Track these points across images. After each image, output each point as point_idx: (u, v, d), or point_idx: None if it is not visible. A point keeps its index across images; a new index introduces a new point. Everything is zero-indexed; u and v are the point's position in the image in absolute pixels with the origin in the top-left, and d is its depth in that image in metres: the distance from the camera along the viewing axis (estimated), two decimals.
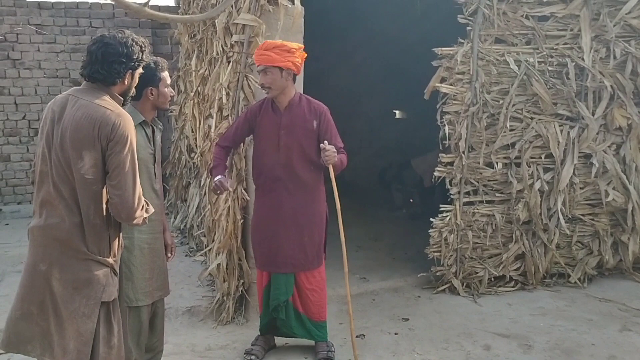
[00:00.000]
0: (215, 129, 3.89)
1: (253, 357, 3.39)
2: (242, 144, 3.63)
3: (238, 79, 3.75)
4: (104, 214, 2.23)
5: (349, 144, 3.30)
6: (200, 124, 4.55)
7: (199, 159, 4.46)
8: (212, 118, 3.97)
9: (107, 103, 2.21)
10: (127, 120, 2.19)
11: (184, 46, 5.87)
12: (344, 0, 6.36)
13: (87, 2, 7.04)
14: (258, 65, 3.17)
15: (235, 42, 3.75)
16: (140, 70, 2.35)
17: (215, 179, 3.22)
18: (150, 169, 2.72)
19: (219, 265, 3.90)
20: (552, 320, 4.02)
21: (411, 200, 7.26)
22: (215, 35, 4.07)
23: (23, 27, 6.73)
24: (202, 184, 4.40)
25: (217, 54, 4.05)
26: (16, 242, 5.82)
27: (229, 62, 3.83)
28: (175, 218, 6.07)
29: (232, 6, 3.73)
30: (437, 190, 5.91)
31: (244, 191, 3.79)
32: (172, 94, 2.80)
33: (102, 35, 2.28)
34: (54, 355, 2.21)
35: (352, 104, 8.15)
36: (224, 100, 3.79)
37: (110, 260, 2.29)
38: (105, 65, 2.20)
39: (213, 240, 4.17)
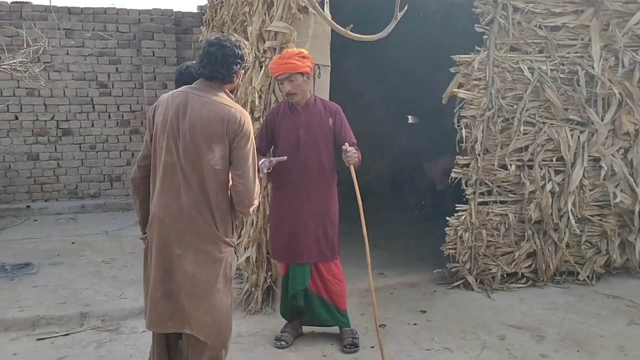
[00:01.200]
0: None
1: (283, 342, 3.62)
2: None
3: (270, 83, 3.98)
4: (229, 199, 2.42)
5: (362, 148, 3.52)
6: None
7: None
8: None
9: (228, 100, 2.41)
10: (248, 117, 2.40)
11: None
12: (363, 8, 6.56)
13: (114, 8, 7.29)
14: (280, 75, 3.32)
15: (267, 48, 3.97)
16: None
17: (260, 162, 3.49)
18: None
19: (248, 258, 4.13)
20: (562, 314, 4.22)
21: (423, 202, 7.46)
22: (248, 42, 4.31)
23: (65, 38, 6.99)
24: None
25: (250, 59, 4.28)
26: (46, 237, 6.06)
27: (261, 67, 4.05)
28: None
29: (265, 14, 3.98)
30: (449, 193, 6.13)
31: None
32: None
33: (217, 38, 2.47)
34: (192, 328, 2.40)
35: (366, 110, 8.34)
36: (257, 103, 4.02)
37: (235, 240, 2.50)
38: (224, 65, 2.41)
39: (240, 236, 4.39)
